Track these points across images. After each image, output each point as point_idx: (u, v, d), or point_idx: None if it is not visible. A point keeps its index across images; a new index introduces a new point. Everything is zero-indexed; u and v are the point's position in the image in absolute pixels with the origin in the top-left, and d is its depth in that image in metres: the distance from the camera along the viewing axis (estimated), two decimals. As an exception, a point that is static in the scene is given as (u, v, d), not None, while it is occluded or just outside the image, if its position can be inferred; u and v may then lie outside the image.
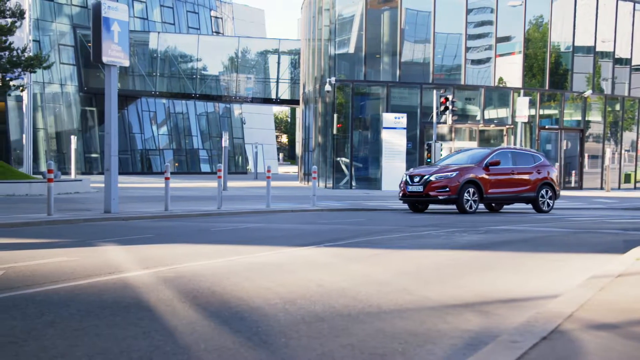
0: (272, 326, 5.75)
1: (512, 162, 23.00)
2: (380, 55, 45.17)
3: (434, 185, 21.65)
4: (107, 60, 18.54)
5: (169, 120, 71.59)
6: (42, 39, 58.84)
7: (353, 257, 10.45)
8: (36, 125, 56.47)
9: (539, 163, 23.69)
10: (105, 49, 18.37)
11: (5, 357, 4.83)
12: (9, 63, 33.66)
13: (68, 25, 61.46)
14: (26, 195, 29.49)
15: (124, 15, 19.02)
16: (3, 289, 7.40)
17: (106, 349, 5.02)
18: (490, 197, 22.25)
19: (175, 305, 6.55)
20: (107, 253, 10.83)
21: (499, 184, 22.35)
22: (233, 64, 65.52)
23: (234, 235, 14.27)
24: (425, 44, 44.64)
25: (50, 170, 18.10)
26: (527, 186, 22.99)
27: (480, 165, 22.25)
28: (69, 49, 61.29)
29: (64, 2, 61.33)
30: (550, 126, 47.67)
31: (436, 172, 22.04)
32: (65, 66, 60.65)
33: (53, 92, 59.78)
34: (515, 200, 23.15)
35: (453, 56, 45.39)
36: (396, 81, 44.04)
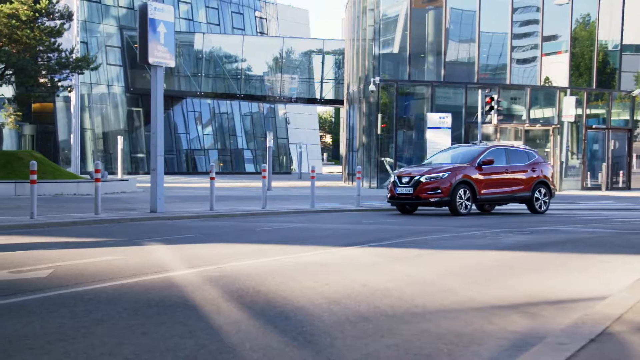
0: (317, 326, 5.76)
1: (505, 160, 21.76)
2: (424, 54, 44.99)
3: (424, 187, 20.41)
4: (153, 61, 18.70)
5: (214, 120, 72.00)
6: (90, 41, 59.54)
7: (398, 257, 10.42)
8: (84, 125, 57.15)
9: (533, 160, 22.46)
10: (151, 50, 18.53)
11: (55, 354, 4.90)
12: (57, 64, 34.12)
13: (115, 27, 62.10)
14: (74, 194, 29.86)
15: (170, 16, 19.17)
16: (52, 287, 7.51)
17: (153, 348, 5.07)
18: (483, 198, 21.09)
19: (220, 305, 6.59)
20: (153, 252, 10.93)
21: (492, 184, 21.20)
22: (277, 64, 65.71)
23: (279, 235, 14.30)
24: (470, 43, 44.36)
25: (98, 170, 18.31)
26: (522, 185, 21.81)
27: (473, 165, 21.01)
28: (116, 50, 61.93)
29: (111, 4, 61.99)
30: (597, 126, 47.06)
31: (427, 172, 20.76)
32: (112, 67, 61.30)
33: (100, 92, 60.46)
34: (509, 200, 22.03)
35: (498, 55, 45.04)
36: (441, 81, 43.82)
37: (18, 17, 31.38)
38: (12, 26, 31.61)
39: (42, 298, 6.91)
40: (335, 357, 4.90)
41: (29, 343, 5.17)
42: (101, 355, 4.87)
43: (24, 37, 31.99)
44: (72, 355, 4.86)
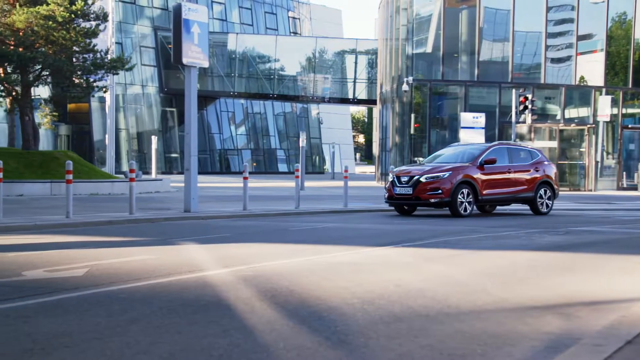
0: (351, 326, 5.76)
1: (508, 159, 21.00)
2: (458, 54, 44.81)
3: (424, 187, 19.54)
4: (187, 61, 18.80)
5: (247, 120, 72.23)
6: (124, 41, 59.99)
7: (431, 258, 10.39)
8: (118, 125, 57.60)
9: (536, 160, 21.69)
10: (185, 51, 18.63)
11: (91, 352, 4.95)
12: (93, 65, 34.39)
13: (149, 28, 62.52)
14: (109, 194, 30.10)
15: (204, 16, 19.26)
16: (88, 286, 7.58)
17: (187, 346, 5.10)
18: (485, 198, 20.32)
19: (254, 304, 6.61)
20: (187, 252, 10.99)
21: (495, 184, 20.44)
22: (310, 64, 65.78)
23: (312, 235, 14.32)
24: (504, 42, 44.11)
25: (132, 170, 18.44)
26: (525, 186, 21.04)
27: (474, 164, 20.19)
28: (150, 50, 62.35)
29: (145, 5, 62.42)
30: (633, 125, 46.58)
31: (427, 172, 19.90)
32: (147, 67, 61.72)
33: (134, 93, 60.90)
34: (512, 201, 21.31)
35: (532, 55, 44.74)
36: (474, 80, 43.62)
37: (54, 18, 31.68)
38: (48, 27, 31.93)
39: (78, 297, 6.98)
40: (369, 357, 4.90)
41: (65, 341, 5.23)
42: (136, 354, 4.91)
43: (60, 38, 32.30)
44: (107, 354, 4.90)
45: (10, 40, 32.49)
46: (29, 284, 7.72)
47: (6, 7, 33.18)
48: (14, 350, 5.00)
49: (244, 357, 4.83)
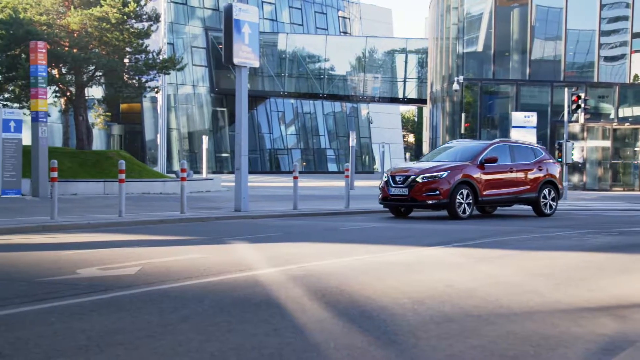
0: (401, 326, 5.74)
1: (510, 158, 19.85)
2: (509, 53, 44.43)
3: (421, 188, 18.33)
4: (237, 61, 18.91)
5: (297, 120, 72.41)
6: (176, 42, 60.51)
7: (482, 258, 10.32)
8: (170, 125, 58.12)
9: (540, 158, 20.54)
10: (236, 51, 18.74)
11: (144, 350, 5.00)
12: (145, 65, 34.76)
13: (200, 28, 62.99)
14: (160, 193, 30.40)
15: (254, 17, 19.36)
16: (140, 284, 7.67)
17: (238, 345, 5.13)
18: (486, 199, 19.17)
19: (304, 303, 6.63)
20: (237, 251, 11.06)
21: (496, 184, 19.28)
22: (360, 64, 65.71)
23: (362, 234, 14.31)
24: (556, 41, 43.63)
25: (184, 170, 18.60)
26: (527, 185, 19.94)
27: (474, 163, 19.00)
28: (201, 51, 62.81)
29: (196, 6, 62.90)
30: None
31: (423, 171, 18.71)
32: (198, 68, 62.18)
33: (186, 93, 61.40)
34: (514, 202, 20.26)
35: (585, 53, 44.18)
36: (526, 79, 43.21)
37: (108, 20, 32.10)
38: (102, 29, 32.36)
39: (130, 295, 7.06)
40: (420, 358, 4.88)
41: (119, 338, 5.30)
42: (188, 351, 4.95)
43: (113, 39, 32.72)
44: (160, 351, 4.96)
45: (65, 41, 33.00)
46: (84, 281, 7.84)
47: (61, 9, 33.71)
48: (70, 346, 5.08)
49: (295, 356, 4.85)
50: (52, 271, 8.58)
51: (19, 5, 32.79)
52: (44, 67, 25.76)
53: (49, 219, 15.38)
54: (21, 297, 6.87)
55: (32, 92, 25.95)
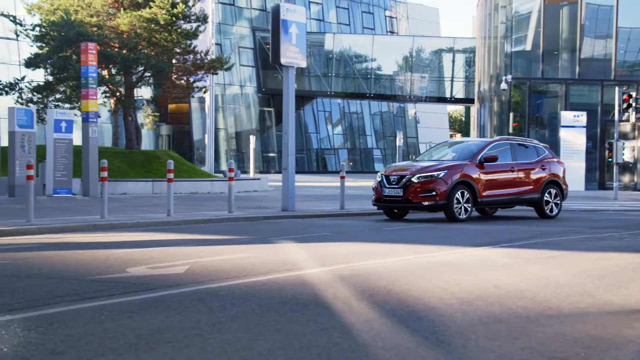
0: (449, 326, 5.72)
1: (511, 157, 18.85)
2: (558, 52, 43.94)
3: (416, 188, 17.23)
4: (285, 61, 18.97)
5: (344, 120, 72.39)
6: (223, 42, 60.84)
7: (530, 259, 10.23)
8: (217, 125, 58.45)
9: (543, 156, 19.54)
10: (283, 51, 18.80)
11: (193, 348, 5.05)
12: (193, 66, 35.05)
13: (248, 29, 63.27)
14: (208, 193, 30.60)
15: (302, 17, 19.40)
16: (188, 283, 7.74)
17: (286, 344, 5.15)
18: (485, 200, 18.11)
19: (352, 303, 6.64)
20: (285, 250, 11.10)
21: (496, 185, 18.27)
22: (407, 64, 65.50)
23: (409, 234, 14.27)
24: (606, 39, 43.03)
25: (231, 169, 18.70)
26: (530, 186, 18.89)
27: (473, 162, 17.94)
28: (249, 51, 63.09)
29: (244, 6, 63.19)
30: None
31: (419, 171, 17.60)
32: (245, 68, 62.47)
33: (233, 93, 61.71)
34: (515, 203, 19.19)
35: (636, 51, 43.53)
36: (575, 78, 42.69)
37: (157, 21, 32.40)
38: (151, 30, 32.68)
39: (179, 293, 7.13)
40: (468, 359, 4.86)
41: (168, 337, 5.35)
42: (236, 350, 4.98)
43: (162, 40, 33.03)
44: (208, 350, 5.00)
45: (114, 42, 33.39)
46: (133, 280, 7.93)
47: (111, 10, 34.12)
48: (120, 344, 5.15)
49: (343, 356, 4.85)
50: (103, 270, 8.69)
51: (70, 7, 33.26)
52: (94, 68, 26.09)
53: (99, 218, 15.58)
54: (72, 295, 6.98)
55: (82, 92, 26.30)
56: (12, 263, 9.48)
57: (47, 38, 32.95)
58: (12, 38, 43.52)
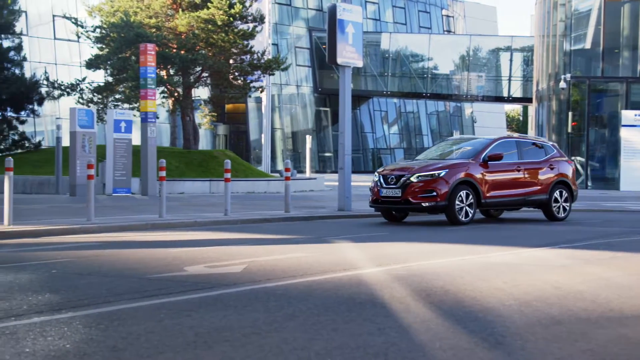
0: (508, 327, 5.67)
1: (517, 155, 17.77)
2: (619, 49, 43.22)
3: (415, 189, 16.13)
4: (341, 61, 18.98)
5: (400, 119, 72.21)
6: (280, 42, 61.12)
7: (591, 260, 10.08)
8: (274, 125, 58.75)
9: (551, 155, 18.43)
10: (340, 51, 18.81)
11: (250, 347, 5.08)
12: (250, 66, 35.25)
13: (304, 29, 63.46)
14: (264, 192, 30.76)
15: (358, 16, 19.40)
16: (246, 282, 7.78)
17: (343, 344, 5.15)
18: (490, 202, 16.88)
19: (409, 303, 6.61)
20: (341, 250, 11.11)
21: (501, 185, 17.12)
22: (464, 63, 65.05)
23: (466, 234, 14.17)
24: (669, 36, 42.22)
25: (288, 169, 18.77)
26: (538, 186, 17.78)
27: (476, 161, 16.83)
28: (305, 51, 63.28)
29: (300, 6, 63.40)
30: None
31: (418, 170, 16.45)
32: (301, 68, 62.68)
33: (289, 93, 61.96)
34: (522, 204, 17.96)
35: (700, 49, 42.62)
36: (636, 77, 41.94)
37: (214, 22, 32.65)
38: (208, 31, 32.95)
39: (237, 292, 7.17)
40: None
41: (226, 335, 5.39)
42: (293, 349, 5.00)
43: (219, 40, 33.28)
44: (266, 349, 5.02)
45: (173, 43, 33.75)
46: (191, 279, 8.01)
47: (170, 12, 34.49)
48: (179, 342, 5.20)
49: (400, 356, 4.84)
50: (161, 268, 8.79)
51: (130, 9, 33.71)
52: (153, 68, 26.39)
53: (157, 217, 15.77)
54: (132, 293, 7.07)
55: (141, 93, 26.63)
56: (73, 261, 9.64)
57: (107, 39, 33.46)
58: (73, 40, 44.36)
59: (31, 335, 5.38)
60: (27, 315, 6.09)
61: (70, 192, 25.19)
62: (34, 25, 48.32)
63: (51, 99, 35.02)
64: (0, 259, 9.91)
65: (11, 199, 13.42)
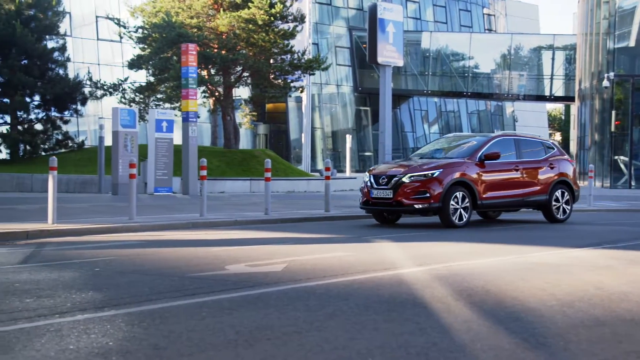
0: (549, 328, 5.62)
1: (516, 154, 16.86)
2: (664, 47, 42.69)
3: (408, 190, 15.27)
4: (382, 60, 18.98)
5: (440, 118, 71.89)
6: (320, 42, 61.14)
7: (635, 260, 9.96)
8: (314, 124, 58.78)
9: (551, 154, 17.50)
10: (380, 50, 18.81)
11: (291, 346, 5.10)
12: (290, 66, 35.33)
13: (344, 28, 63.42)
14: (304, 192, 30.81)
15: (399, 16, 19.37)
16: (286, 281, 7.80)
17: (384, 343, 5.15)
18: (486, 203, 15.94)
19: (449, 303, 6.59)
20: (381, 249, 11.09)
21: (498, 185, 16.22)
22: (505, 61, 64.58)
23: (507, 234, 14.09)
24: None
25: (328, 168, 18.79)
26: (537, 187, 16.88)
27: (472, 160, 15.93)
28: (345, 50, 63.23)
29: (340, 6, 63.36)
30: None
31: (411, 170, 15.65)
32: (341, 67, 62.64)
33: (329, 92, 61.96)
34: (520, 205, 17.09)
35: None
36: (682, 75, 41.41)
37: (255, 21, 32.77)
38: (249, 30, 33.08)
39: (277, 291, 7.20)
40: (569, 362, 4.77)
41: (267, 334, 5.41)
42: (334, 349, 5.01)
43: (260, 40, 33.39)
44: (306, 348, 5.03)
45: (214, 43, 33.94)
46: (232, 277, 8.05)
47: (211, 12, 34.68)
48: (220, 340, 5.23)
49: (441, 356, 4.82)
50: (202, 267, 8.85)
51: (172, 9, 33.95)
52: (194, 68, 26.55)
53: (198, 216, 15.87)
54: (173, 292, 7.12)
55: (182, 93, 26.80)
56: (116, 259, 9.74)
57: (149, 40, 33.74)
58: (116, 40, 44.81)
59: (75, 333, 5.45)
60: (71, 312, 6.17)
61: (113, 191, 25.44)
62: (77, 26, 48.86)
63: (94, 99, 35.38)
64: (44, 257, 10.05)
65: (55, 198, 13.59)
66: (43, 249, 10.84)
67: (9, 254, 10.31)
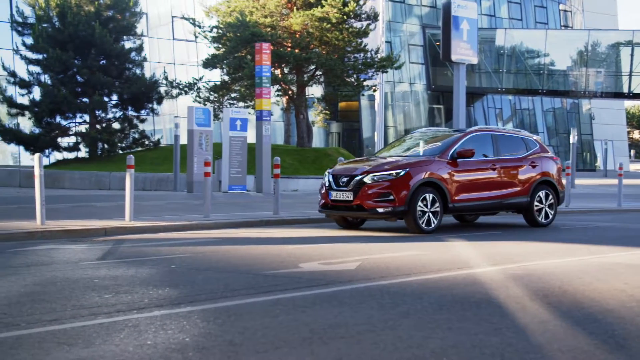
0: (630, 330, 5.52)
1: (492, 151, 15.13)
2: None
3: (370, 192, 13.59)
4: (455, 58, 18.85)
5: (515, 116, 71.00)
6: (393, 40, 60.96)
7: None
8: (387, 123, 58.66)
9: (533, 151, 15.75)
10: (454, 48, 18.68)
11: (365, 344, 5.10)
12: (363, 64, 35.25)
13: (417, 26, 63.14)
14: (377, 190, 30.71)
15: (473, 13, 19.21)
16: (360, 279, 7.81)
17: (458, 343, 5.12)
18: (458, 206, 14.21)
19: (525, 303, 6.51)
20: (455, 248, 11.02)
21: (472, 186, 14.50)
22: (582, 58, 63.48)
23: (584, 234, 13.86)
24: None
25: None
26: (517, 187, 15.14)
27: (443, 158, 14.18)
28: (418, 48, 62.93)
29: (414, 3, 63.08)
30: None
31: (374, 169, 13.91)
32: (414, 65, 62.36)
33: (402, 91, 61.76)
34: (497, 208, 15.24)
35: None
36: None
37: (328, 20, 32.79)
38: (322, 29, 33.13)
39: (351, 289, 7.21)
40: (650, 364, 4.68)
41: (341, 332, 5.43)
42: (408, 347, 5.00)
43: (333, 39, 33.41)
44: (381, 346, 5.04)
45: (287, 42, 34.10)
46: (306, 275, 8.08)
47: (284, 11, 34.86)
48: (294, 337, 5.27)
49: (517, 357, 4.78)
50: (276, 264, 8.91)
51: (246, 9, 34.23)
52: (268, 67, 26.69)
53: (272, 214, 15.97)
54: (248, 289, 7.19)
55: (256, 91, 26.96)
56: (191, 256, 9.87)
57: (224, 39, 34.06)
58: (191, 40, 45.31)
59: (152, 328, 5.55)
60: (149, 308, 6.28)
61: (188, 189, 25.76)
62: (154, 27, 49.62)
63: (169, 98, 35.87)
64: (122, 253, 10.24)
65: (132, 196, 13.83)
66: (121, 246, 11.05)
67: (88, 250, 10.53)
